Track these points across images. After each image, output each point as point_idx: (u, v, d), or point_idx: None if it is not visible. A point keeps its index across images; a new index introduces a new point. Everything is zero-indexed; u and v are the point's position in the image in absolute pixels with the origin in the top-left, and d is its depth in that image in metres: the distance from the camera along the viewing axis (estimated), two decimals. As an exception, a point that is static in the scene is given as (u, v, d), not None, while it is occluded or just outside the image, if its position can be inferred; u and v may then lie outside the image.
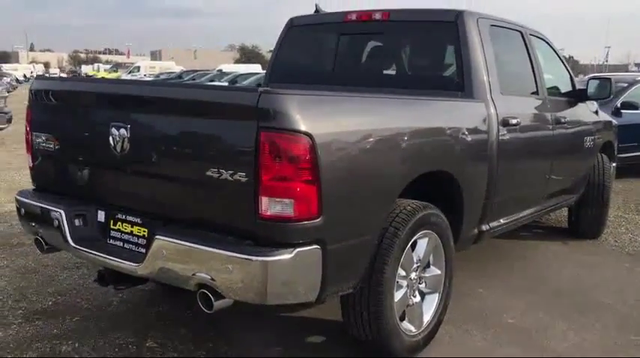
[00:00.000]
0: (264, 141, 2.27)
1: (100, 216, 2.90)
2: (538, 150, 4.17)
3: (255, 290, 2.33)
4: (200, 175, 2.44)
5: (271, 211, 2.30)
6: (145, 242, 2.68)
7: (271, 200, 2.29)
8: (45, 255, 4.20)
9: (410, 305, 3.03)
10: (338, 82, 4.15)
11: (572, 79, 4.91)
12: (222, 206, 2.46)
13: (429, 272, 3.15)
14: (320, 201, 2.35)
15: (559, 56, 4.94)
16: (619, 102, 8.59)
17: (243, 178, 2.33)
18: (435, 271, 3.17)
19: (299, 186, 2.30)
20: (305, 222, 2.34)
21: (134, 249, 2.75)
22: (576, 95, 4.79)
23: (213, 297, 2.39)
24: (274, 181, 2.29)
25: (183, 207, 2.62)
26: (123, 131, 2.66)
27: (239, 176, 2.33)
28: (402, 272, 2.91)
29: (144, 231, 2.72)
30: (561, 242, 5.39)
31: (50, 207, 2.94)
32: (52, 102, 3.11)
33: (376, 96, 3.04)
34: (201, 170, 2.43)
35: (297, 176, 2.29)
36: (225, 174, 2.36)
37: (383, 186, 2.75)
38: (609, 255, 5.14)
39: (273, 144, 2.27)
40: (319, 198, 2.34)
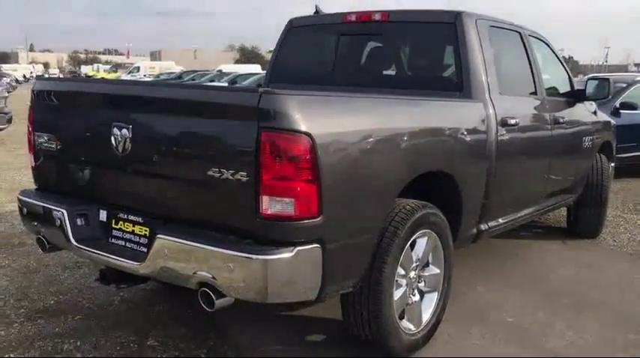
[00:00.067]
0: (264, 141, 2.29)
1: (102, 215, 2.92)
2: (536, 150, 4.19)
3: (256, 289, 2.36)
4: (201, 175, 2.46)
5: (272, 210, 2.33)
6: (147, 241, 2.70)
7: (272, 199, 2.32)
8: (46, 254, 4.23)
9: (409, 303, 3.05)
10: (338, 83, 4.17)
11: (570, 79, 4.93)
12: (223, 205, 2.48)
13: (428, 271, 3.17)
14: (320, 200, 2.37)
15: (557, 57, 4.96)
16: (618, 103, 8.61)
17: (243, 178, 2.35)
18: (434, 270, 3.20)
19: (299, 185, 2.33)
20: (305, 221, 2.36)
21: (136, 248, 2.76)
22: (575, 95, 4.81)
23: (214, 296, 2.42)
24: (275, 181, 2.31)
25: (184, 207, 2.64)
26: (125, 131, 2.69)
27: (240, 175, 2.36)
28: (401, 271, 2.93)
29: (145, 230, 2.74)
30: (560, 241, 5.41)
31: (52, 207, 2.96)
32: (55, 103, 3.13)
33: (375, 97, 3.06)
34: (203, 170, 2.46)
35: (298, 175, 2.32)
36: (226, 173, 2.38)
37: (382, 185, 2.77)
38: (608, 254, 5.16)
39: (273, 144, 2.29)
40: (319, 198, 2.37)
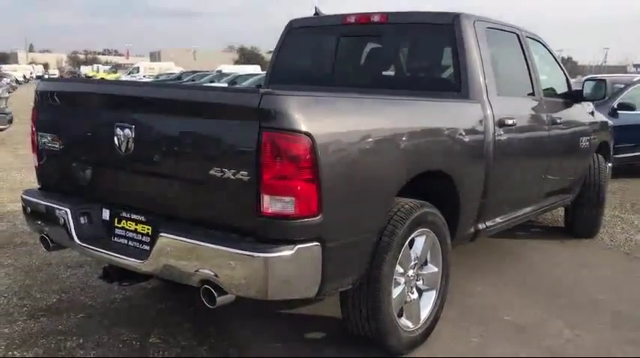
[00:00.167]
0: (265, 141, 2.33)
1: (105, 214, 2.96)
2: (534, 150, 4.23)
3: (257, 286, 2.40)
4: (203, 174, 2.50)
5: (272, 209, 2.37)
6: (149, 239, 2.74)
7: (272, 198, 2.36)
8: (48, 253, 4.27)
9: (408, 301, 3.09)
10: (337, 83, 4.21)
11: (567, 80, 4.97)
12: (224, 204, 2.52)
13: (426, 269, 3.21)
14: (320, 199, 2.41)
15: (555, 58, 5.00)
16: (616, 103, 8.67)
17: (245, 177, 2.39)
18: (433, 269, 3.23)
19: (299, 184, 2.37)
20: (305, 220, 2.40)
21: (138, 246, 2.80)
22: (572, 96, 4.85)
23: (215, 293, 2.45)
24: (275, 180, 2.35)
25: (186, 206, 2.68)
26: (127, 131, 2.72)
27: (241, 175, 2.40)
28: (399, 269, 2.97)
29: (148, 228, 2.78)
30: (558, 241, 5.45)
31: (56, 206, 3.00)
32: (58, 103, 3.17)
33: (375, 98, 3.10)
34: (204, 169, 2.49)
35: (298, 175, 2.36)
36: (228, 173, 2.42)
37: (381, 185, 2.81)
38: (605, 253, 5.20)
39: (274, 143, 2.33)
40: (319, 197, 2.41)
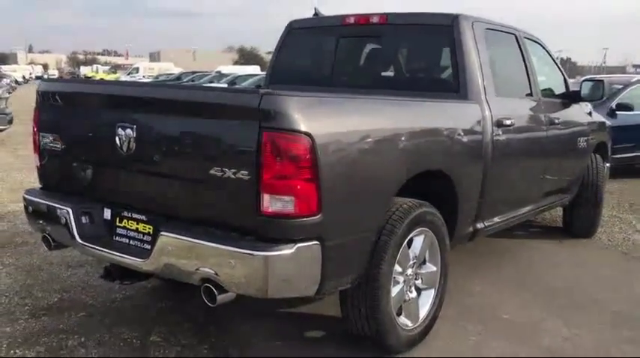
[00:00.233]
0: (265, 141, 2.36)
1: (106, 213, 2.98)
2: (532, 150, 4.25)
3: (257, 284, 2.42)
4: (204, 174, 2.53)
5: (272, 208, 2.39)
6: (151, 238, 2.76)
7: (272, 197, 2.38)
8: (49, 253, 4.29)
9: (406, 300, 3.12)
10: (337, 84, 4.24)
11: (565, 80, 5.00)
12: (225, 203, 2.54)
13: (424, 268, 3.23)
14: (319, 198, 2.44)
15: (553, 58, 5.03)
16: (614, 104, 8.70)
17: (245, 176, 2.41)
18: (431, 268, 3.26)
19: (299, 184, 2.39)
20: (305, 219, 2.43)
21: (139, 245, 2.83)
22: (570, 96, 4.89)
23: (216, 291, 2.48)
24: (275, 179, 2.38)
25: (187, 205, 2.70)
26: (129, 131, 2.75)
27: (241, 174, 2.42)
28: (398, 268, 2.99)
29: (149, 228, 2.81)
30: (556, 241, 5.48)
31: (58, 205, 3.03)
32: (60, 104, 3.19)
33: (374, 98, 3.14)
34: (205, 169, 2.52)
35: (298, 174, 2.39)
36: (228, 172, 2.45)
37: (380, 184, 2.84)
38: (603, 253, 5.23)
39: (274, 143, 2.36)
40: (319, 196, 2.43)
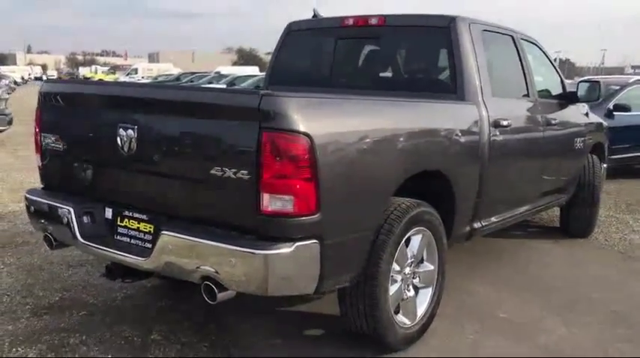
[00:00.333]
0: (265, 141, 2.40)
1: (108, 213, 3.02)
2: (529, 150, 4.29)
3: (257, 282, 2.46)
4: (204, 174, 2.56)
5: (272, 207, 2.43)
6: (151, 237, 2.80)
7: (272, 196, 2.42)
8: (50, 252, 4.33)
9: (404, 299, 3.15)
10: (336, 85, 4.27)
11: (562, 81, 5.04)
12: (225, 203, 2.58)
13: (422, 267, 3.27)
14: (318, 198, 2.47)
15: (550, 59, 5.07)
16: (611, 105, 8.74)
17: (245, 176, 2.45)
18: (429, 266, 3.30)
19: (298, 183, 2.43)
20: (304, 218, 2.46)
21: (140, 244, 2.86)
22: (566, 97, 4.92)
23: (216, 289, 2.52)
24: (275, 179, 2.41)
25: (187, 204, 2.74)
26: (130, 132, 2.78)
27: (241, 174, 2.46)
28: (396, 267, 3.03)
29: (150, 227, 2.84)
30: (553, 241, 5.51)
31: (59, 205, 3.06)
32: (61, 104, 3.22)
33: (372, 99, 3.18)
34: (206, 169, 2.56)
35: (297, 174, 2.42)
36: (228, 172, 2.49)
37: (378, 184, 2.87)
38: (600, 253, 5.27)
39: (273, 143, 2.40)
40: (317, 195, 2.47)
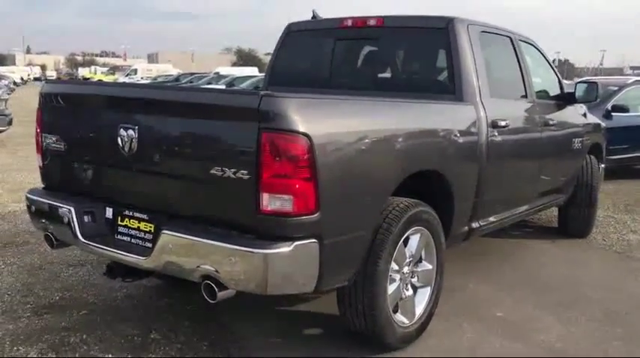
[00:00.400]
0: (264, 141, 2.42)
1: (108, 212, 3.04)
2: (526, 151, 4.32)
3: (257, 281, 2.48)
4: (204, 173, 2.59)
5: (271, 207, 2.46)
6: (152, 237, 2.82)
7: (271, 196, 2.45)
8: (50, 252, 4.36)
9: (403, 298, 3.18)
10: (334, 86, 4.29)
11: (560, 82, 5.06)
12: (225, 202, 2.60)
13: (420, 267, 3.29)
14: (317, 197, 2.50)
15: (548, 61, 5.09)
16: (609, 105, 8.76)
17: (245, 176, 2.47)
18: (427, 266, 3.32)
19: (297, 183, 2.46)
20: (303, 217, 2.49)
21: (141, 243, 2.89)
22: (564, 98, 4.95)
23: (216, 288, 2.54)
24: (274, 179, 2.44)
25: (187, 204, 2.76)
26: (131, 132, 2.81)
27: (241, 174, 2.48)
28: (394, 266, 3.05)
29: (150, 226, 2.87)
30: (551, 241, 5.54)
31: (60, 205, 3.08)
32: (62, 105, 3.25)
33: (371, 100, 3.21)
34: (206, 168, 2.58)
35: (296, 174, 2.45)
36: (228, 172, 2.51)
37: (377, 184, 2.90)
38: (597, 253, 5.29)
39: (273, 144, 2.42)
40: (316, 195, 2.49)
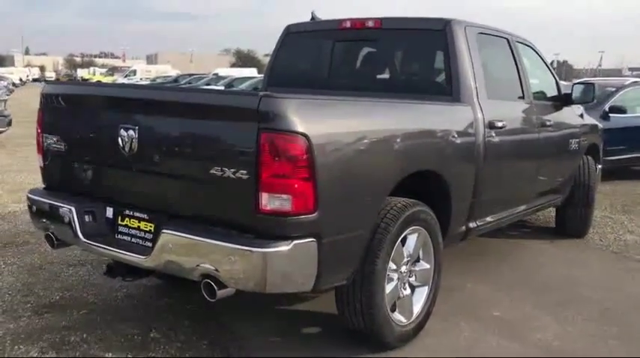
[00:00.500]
0: (264, 142, 2.45)
1: (109, 212, 3.07)
2: (523, 151, 4.35)
3: (256, 280, 2.51)
4: (204, 173, 2.61)
5: (270, 206, 2.48)
6: (152, 236, 2.85)
7: (271, 196, 2.47)
8: (50, 252, 4.39)
9: (400, 297, 3.20)
10: (333, 87, 4.32)
11: (557, 83, 5.09)
12: (224, 202, 2.63)
13: (418, 266, 3.32)
14: (316, 197, 2.53)
15: (545, 62, 5.13)
16: (607, 107, 8.80)
17: (244, 176, 2.50)
18: (425, 265, 3.35)
19: (296, 183, 2.48)
20: (302, 217, 2.52)
21: (141, 243, 2.91)
22: (561, 99, 4.98)
23: (216, 287, 2.57)
24: (273, 178, 2.47)
25: (187, 204, 2.79)
26: (131, 132, 2.83)
27: (241, 174, 2.51)
28: (392, 265, 3.08)
29: (150, 226, 2.89)
30: (549, 241, 5.57)
31: (61, 204, 3.11)
32: (63, 106, 3.27)
33: (369, 100, 3.24)
34: (205, 168, 2.61)
35: (295, 174, 2.48)
36: (228, 172, 2.54)
37: (375, 184, 2.93)
38: (594, 253, 5.32)
39: (272, 144, 2.45)
40: (315, 195, 2.52)
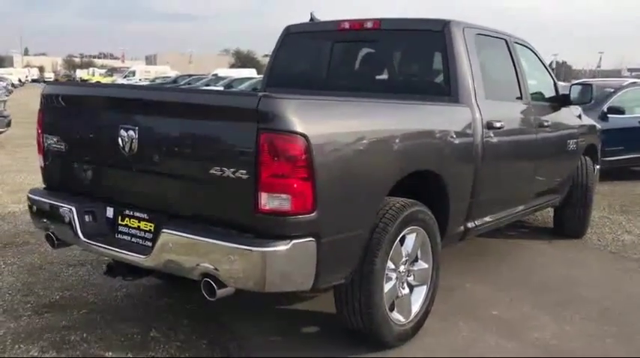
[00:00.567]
0: (263, 142, 2.47)
1: (109, 212, 3.08)
2: (521, 152, 4.37)
3: (255, 279, 2.53)
4: (204, 173, 2.63)
5: (270, 206, 2.50)
6: (152, 236, 2.87)
7: (270, 195, 2.49)
8: (50, 252, 4.40)
9: (399, 296, 3.22)
10: (332, 87, 4.34)
11: (555, 84, 5.12)
12: (224, 201, 2.65)
13: (417, 265, 3.34)
14: (314, 196, 2.55)
15: (543, 63, 5.15)
16: (606, 107, 8.81)
17: (244, 176, 2.52)
18: (423, 265, 3.37)
19: (295, 182, 2.50)
20: (300, 216, 2.53)
21: (141, 242, 2.93)
22: (559, 100, 5.00)
23: (215, 286, 2.58)
24: (273, 178, 2.48)
25: (187, 203, 2.81)
26: (131, 133, 2.85)
27: (240, 174, 2.53)
28: (391, 265, 3.10)
29: (150, 225, 2.91)
30: (547, 241, 5.59)
31: (62, 204, 3.12)
32: (63, 106, 3.29)
33: (367, 101, 3.26)
34: (205, 168, 2.63)
35: (294, 173, 2.50)
36: (228, 172, 2.56)
37: (373, 184, 2.95)
38: (593, 253, 5.34)
39: (271, 144, 2.47)
40: (314, 194, 2.54)
